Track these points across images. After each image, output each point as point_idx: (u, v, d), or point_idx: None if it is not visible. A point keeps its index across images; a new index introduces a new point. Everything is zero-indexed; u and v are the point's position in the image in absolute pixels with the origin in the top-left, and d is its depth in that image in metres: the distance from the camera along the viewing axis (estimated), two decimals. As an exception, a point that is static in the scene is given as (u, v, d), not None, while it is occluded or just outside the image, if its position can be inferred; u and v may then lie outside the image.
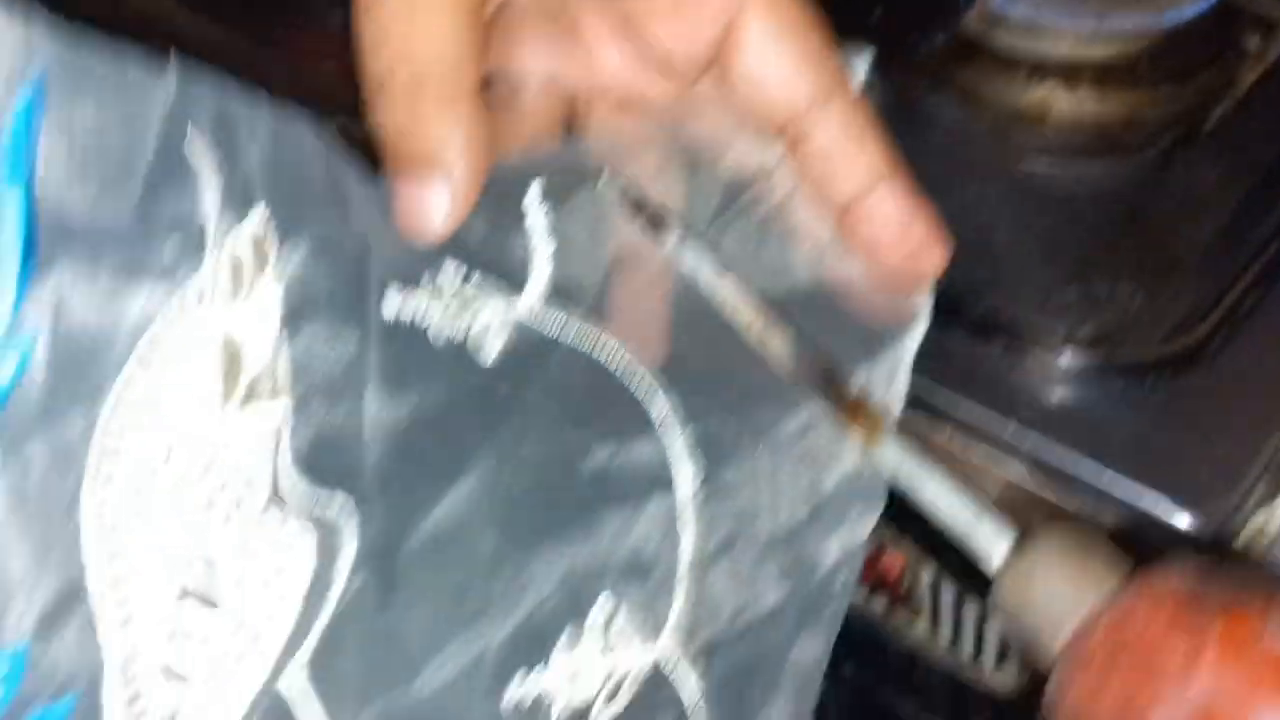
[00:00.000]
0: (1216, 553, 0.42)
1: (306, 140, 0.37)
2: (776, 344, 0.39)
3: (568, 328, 0.41)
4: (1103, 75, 0.64)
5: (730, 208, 0.43)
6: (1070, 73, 0.63)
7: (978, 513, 0.33)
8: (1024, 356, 0.53)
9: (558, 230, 0.41)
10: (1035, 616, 0.30)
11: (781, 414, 0.41)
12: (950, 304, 0.43)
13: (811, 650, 0.41)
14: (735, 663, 0.40)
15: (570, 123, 0.45)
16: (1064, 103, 0.63)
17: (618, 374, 0.40)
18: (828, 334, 0.42)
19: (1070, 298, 0.54)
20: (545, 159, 0.44)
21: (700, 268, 0.41)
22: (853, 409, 0.37)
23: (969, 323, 0.53)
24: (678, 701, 0.39)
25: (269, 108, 0.36)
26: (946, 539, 0.36)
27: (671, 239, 0.41)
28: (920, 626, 0.61)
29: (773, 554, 0.40)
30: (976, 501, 0.33)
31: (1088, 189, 0.62)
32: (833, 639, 0.42)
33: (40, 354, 0.30)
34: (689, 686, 0.39)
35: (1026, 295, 0.54)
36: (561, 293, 0.41)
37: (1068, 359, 0.52)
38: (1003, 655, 0.59)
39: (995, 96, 0.64)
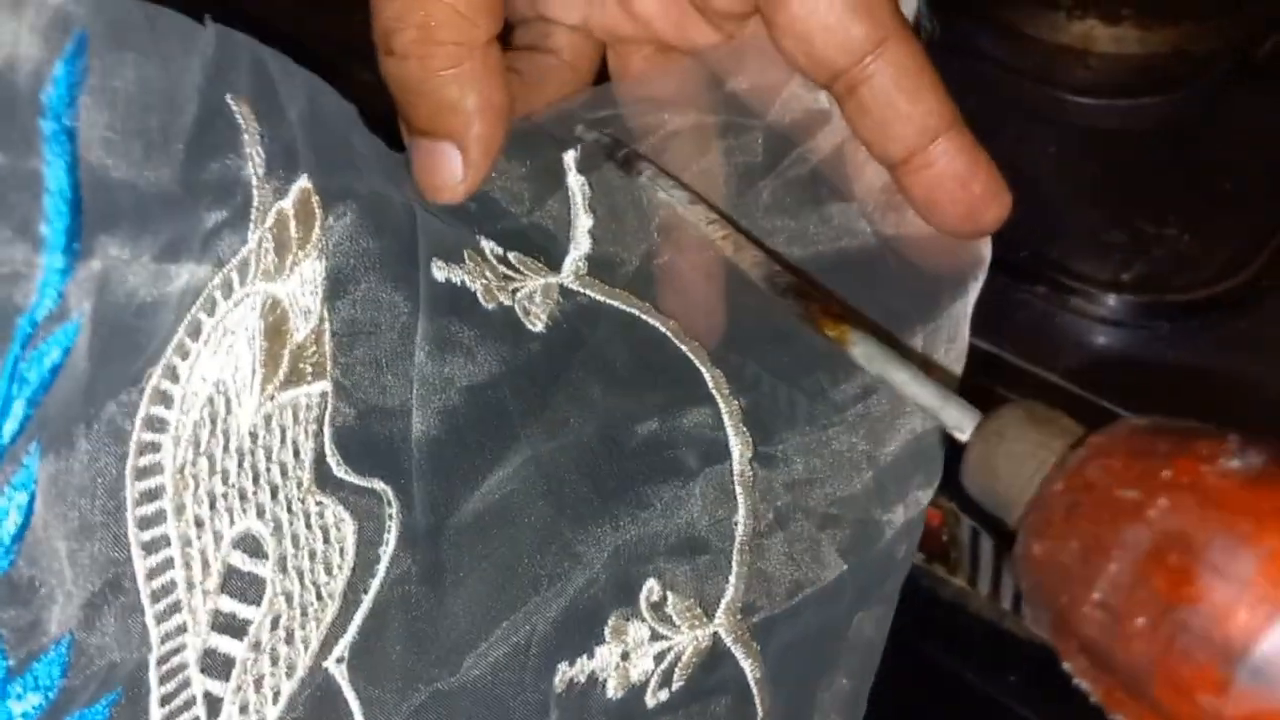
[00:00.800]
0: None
1: (342, 105, 0.36)
2: (748, 260, 0.38)
3: (613, 296, 0.39)
4: (1146, 9, 0.62)
5: (778, 164, 0.41)
6: (1111, 7, 0.62)
7: (944, 397, 0.33)
8: (1070, 300, 0.52)
9: (595, 202, 0.40)
10: (1000, 483, 0.30)
11: (835, 381, 0.40)
12: (993, 248, 0.42)
13: (871, 624, 0.40)
14: (795, 640, 0.39)
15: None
16: (1106, 38, 0.62)
17: (668, 341, 0.39)
18: (882, 292, 0.40)
19: (1117, 239, 0.53)
20: (576, 112, 0.42)
21: (672, 199, 0.40)
22: (822, 313, 0.36)
23: (1012, 267, 0.52)
24: (739, 681, 0.38)
25: (303, 70, 0.35)
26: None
27: (643, 177, 0.40)
28: (959, 579, 0.61)
29: (832, 526, 0.39)
30: (942, 389, 0.33)
31: (1134, 126, 0.60)
32: (892, 611, 0.41)
33: (83, 336, 0.28)
34: (748, 665, 0.38)
35: (1072, 237, 0.53)
36: (603, 264, 0.40)
37: (1115, 302, 0.51)
38: None
39: (1037, 33, 0.62)
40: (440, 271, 0.37)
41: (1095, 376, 0.49)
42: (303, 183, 0.33)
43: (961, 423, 0.32)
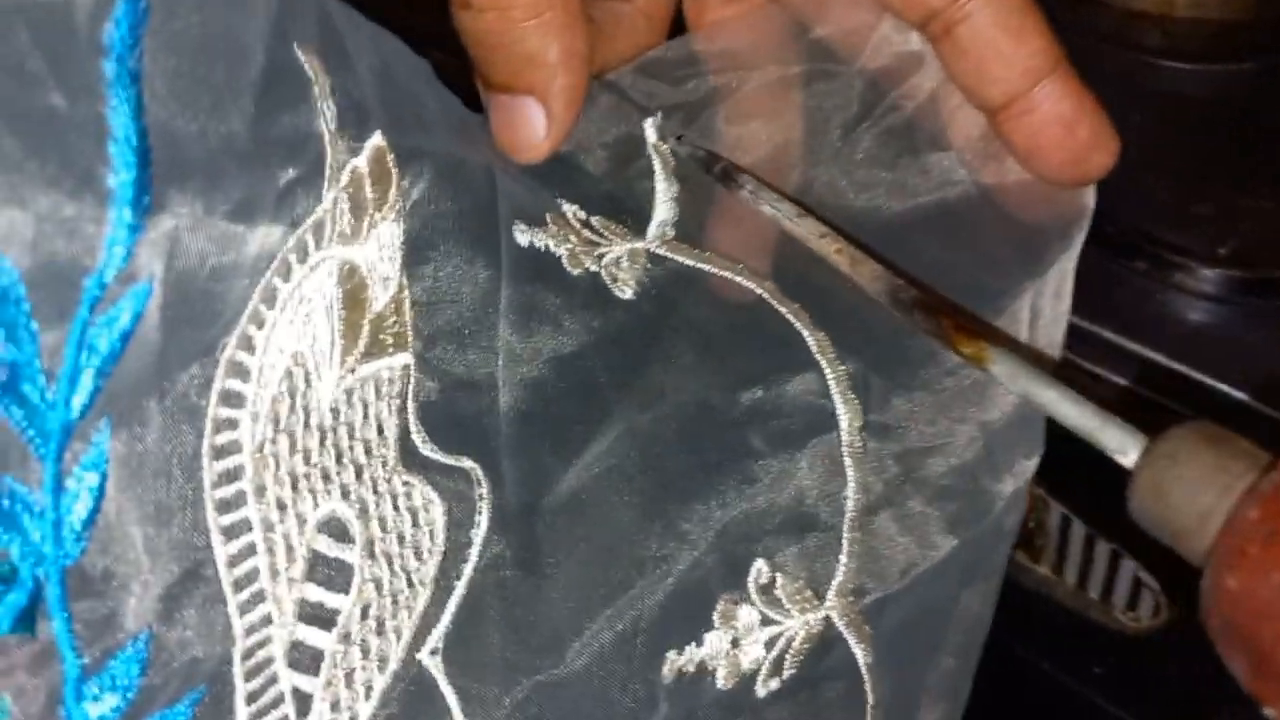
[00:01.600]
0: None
1: (413, 60, 0.34)
2: (866, 274, 0.35)
3: (703, 259, 0.37)
4: None
5: (869, 114, 0.39)
6: None
7: (1103, 418, 0.31)
8: (1159, 276, 0.49)
9: (679, 170, 0.38)
10: (1174, 511, 0.28)
11: (933, 350, 0.37)
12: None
13: (978, 601, 0.38)
14: (904, 620, 0.36)
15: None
16: (1186, 3, 0.58)
17: (765, 303, 0.37)
18: (986, 245, 0.38)
19: (1206, 211, 0.51)
20: (652, 69, 0.40)
21: (778, 212, 0.37)
22: (955, 329, 0.34)
23: (1098, 241, 0.50)
24: (850, 667, 0.35)
25: (371, 23, 0.33)
26: (1077, 481, 0.34)
27: (745, 191, 0.38)
28: (1043, 567, 0.58)
29: (944, 499, 0.36)
30: (1098, 410, 0.31)
31: (1220, 93, 0.57)
32: (998, 585, 0.38)
33: (154, 302, 0.26)
34: (860, 651, 0.35)
35: (1161, 210, 0.51)
36: (689, 230, 0.38)
37: (1213, 277, 0.49)
38: (1135, 596, 0.55)
39: None
40: (523, 235, 0.35)
41: (1189, 350, 0.47)
42: (377, 140, 0.31)
43: (1125, 446, 0.30)
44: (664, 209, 0.38)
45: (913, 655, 0.37)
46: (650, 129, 0.39)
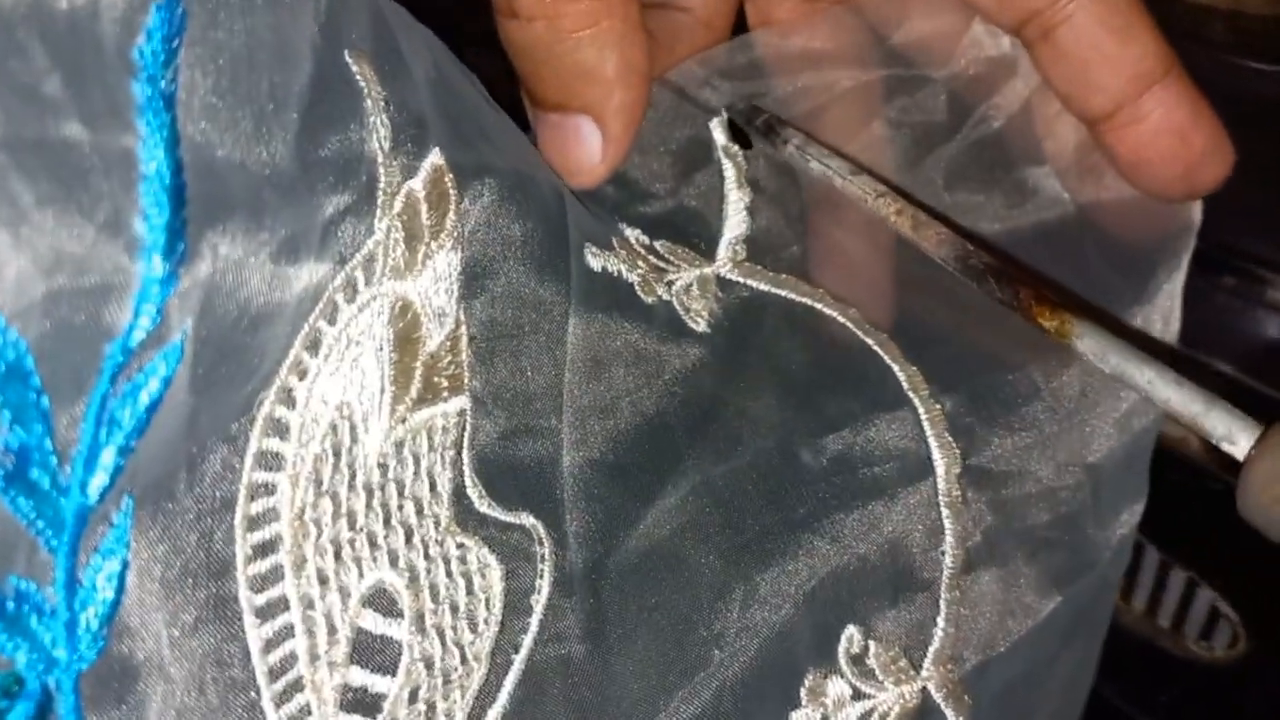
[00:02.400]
0: None
1: (462, 67, 0.30)
2: (931, 238, 0.32)
3: (779, 284, 0.33)
4: None
5: (959, 127, 0.36)
6: None
7: (1208, 401, 0.28)
8: (1247, 292, 0.47)
9: (751, 175, 0.34)
10: None
11: (1049, 375, 0.33)
12: None
13: (1083, 657, 0.34)
14: (1005, 686, 0.33)
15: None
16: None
17: (849, 334, 0.33)
18: (1090, 269, 0.35)
19: None
20: (710, 72, 0.37)
21: (828, 169, 0.34)
22: (1035, 300, 0.31)
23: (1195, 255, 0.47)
24: None
25: (424, 27, 0.28)
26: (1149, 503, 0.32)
27: (791, 146, 0.34)
28: None
29: (1047, 552, 0.33)
30: (1203, 391, 0.28)
31: None
32: (1100, 644, 0.35)
33: (186, 361, 0.22)
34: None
35: (1243, 221, 0.48)
36: (764, 247, 0.34)
37: None
38: (1211, 627, 0.53)
39: None
40: (595, 259, 0.31)
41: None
42: (435, 158, 0.27)
43: (1233, 433, 0.27)
44: (735, 224, 0.34)
45: (1014, 716, 0.34)
46: (718, 131, 0.35)
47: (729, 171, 0.35)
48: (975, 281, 0.32)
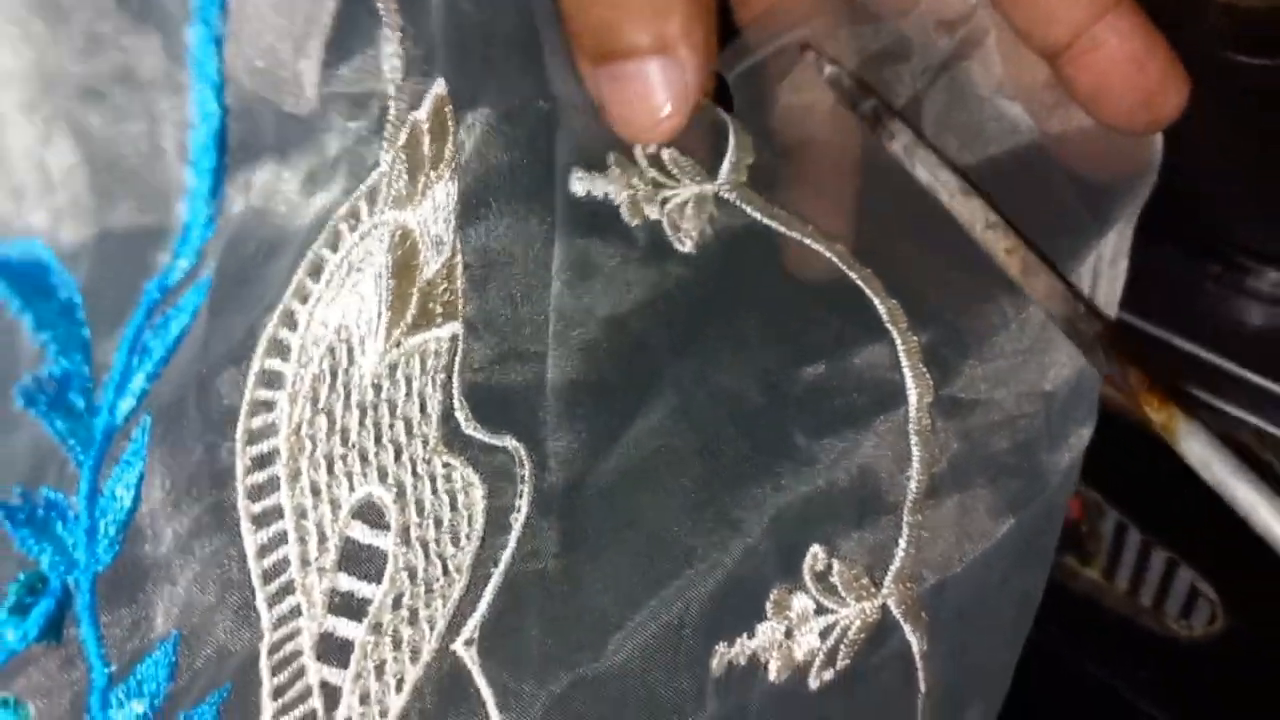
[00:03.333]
0: None
1: None
2: (1041, 289, 0.32)
3: (773, 215, 0.35)
4: None
5: (928, 68, 0.37)
6: None
7: None
8: (1231, 280, 0.48)
9: (755, 111, 0.36)
10: None
11: (1019, 307, 0.35)
12: (1150, 220, 0.37)
13: (1031, 579, 0.37)
14: (960, 605, 0.35)
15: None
16: None
17: (838, 266, 0.35)
18: (1051, 203, 0.36)
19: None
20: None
21: (936, 182, 0.34)
22: (1148, 387, 0.30)
23: (1171, 241, 0.48)
24: (903, 656, 0.34)
25: None
26: (1133, 484, 0.32)
27: (896, 144, 0.34)
28: (1092, 571, 0.58)
29: (1005, 478, 0.35)
30: None
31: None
32: (1048, 566, 0.37)
33: (210, 291, 0.24)
34: (915, 639, 0.34)
35: (1231, 210, 0.49)
36: (762, 179, 0.35)
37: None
38: (1190, 605, 0.56)
39: None
40: (581, 183, 0.32)
41: (1261, 356, 0.46)
42: (439, 88, 0.28)
43: None
44: (741, 146, 0.35)
45: (965, 641, 0.36)
46: (725, 62, 0.36)
47: (736, 102, 0.35)
48: (1083, 348, 0.31)
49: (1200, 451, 0.29)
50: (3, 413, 0.22)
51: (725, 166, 0.34)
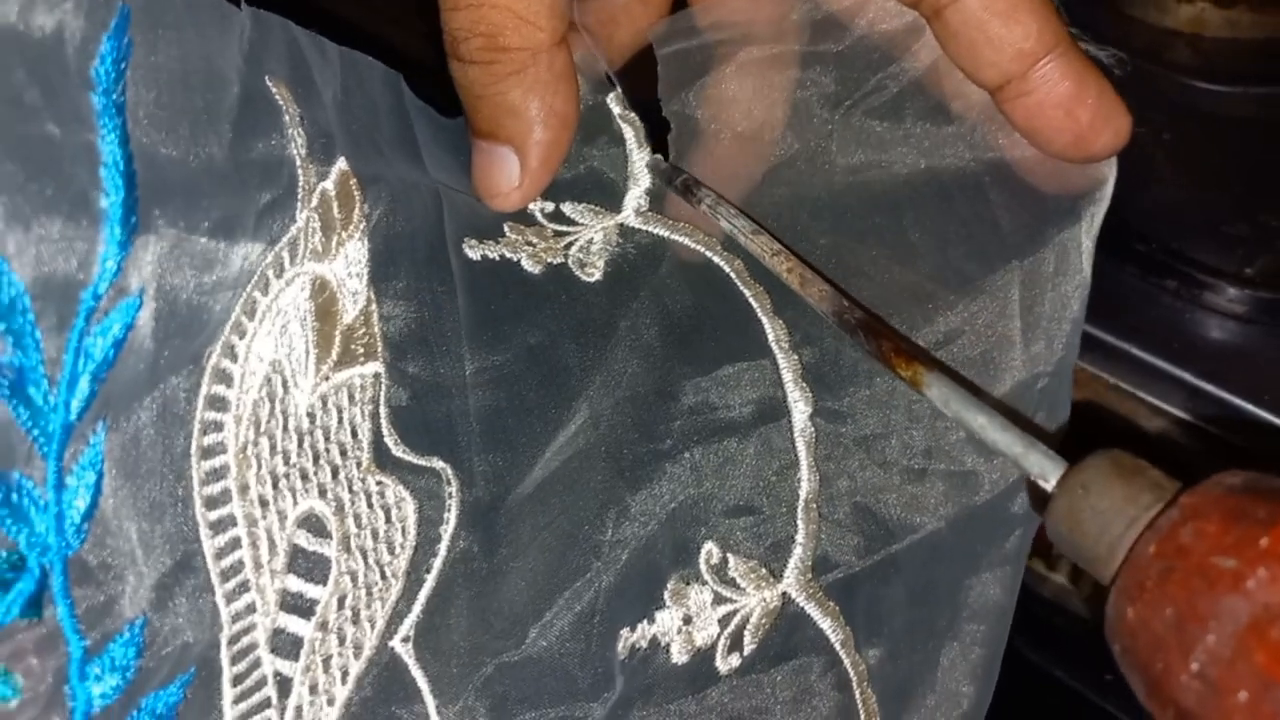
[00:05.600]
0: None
1: (375, 85, 0.38)
2: (815, 294, 0.39)
3: (677, 230, 0.41)
4: None
5: (865, 87, 0.41)
6: None
7: (1027, 444, 0.34)
8: (1188, 295, 0.52)
9: (678, 91, 0.41)
10: (1086, 539, 0.31)
11: (912, 328, 0.40)
12: (1110, 240, 0.41)
13: (997, 587, 0.41)
14: (893, 600, 0.40)
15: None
16: (1219, 22, 0.62)
17: (731, 283, 0.40)
18: (977, 221, 0.41)
19: (1240, 231, 0.54)
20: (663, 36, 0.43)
21: (734, 228, 0.40)
22: (895, 353, 0.37)
23: (1130, 259, 0.52)
24: (822, 642, 0.39)
25: (335, 50, 0.37)
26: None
27: (704, 205, 0.41)
28: (1059, 575, 0.61)
29: (918, 481, 0.40)
30: (1024, 435, 0.34)
31: (1253, 114, 0.60)
32: (1020, 573, 0.41)
33: (145, 314, 0.31)
34: (827, 625, 0.39)
35: (1194, 229, 0.53)
36: (659, 200, 0.41)
37: (1241, 296, 0.52)
38: None
39: (1144, 16, 0.62)
40: (473, 250, 0.39)
41: (1224, 371, 0.50)
42: (342, 165, 0.36)
43: (1046, 471, 0.33)
44: (639, 179, 0.42)
45: (915, 636, 0.40)
46: (614, 103, 0.42)
47: (629, 134, 0.42)
48: (848, 333, 0.38)
49: (940, 392, 0.36)
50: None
51: (629, 199, 0.42)
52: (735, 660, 0.39)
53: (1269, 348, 0.50)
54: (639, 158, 0.42)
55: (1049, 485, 0.33)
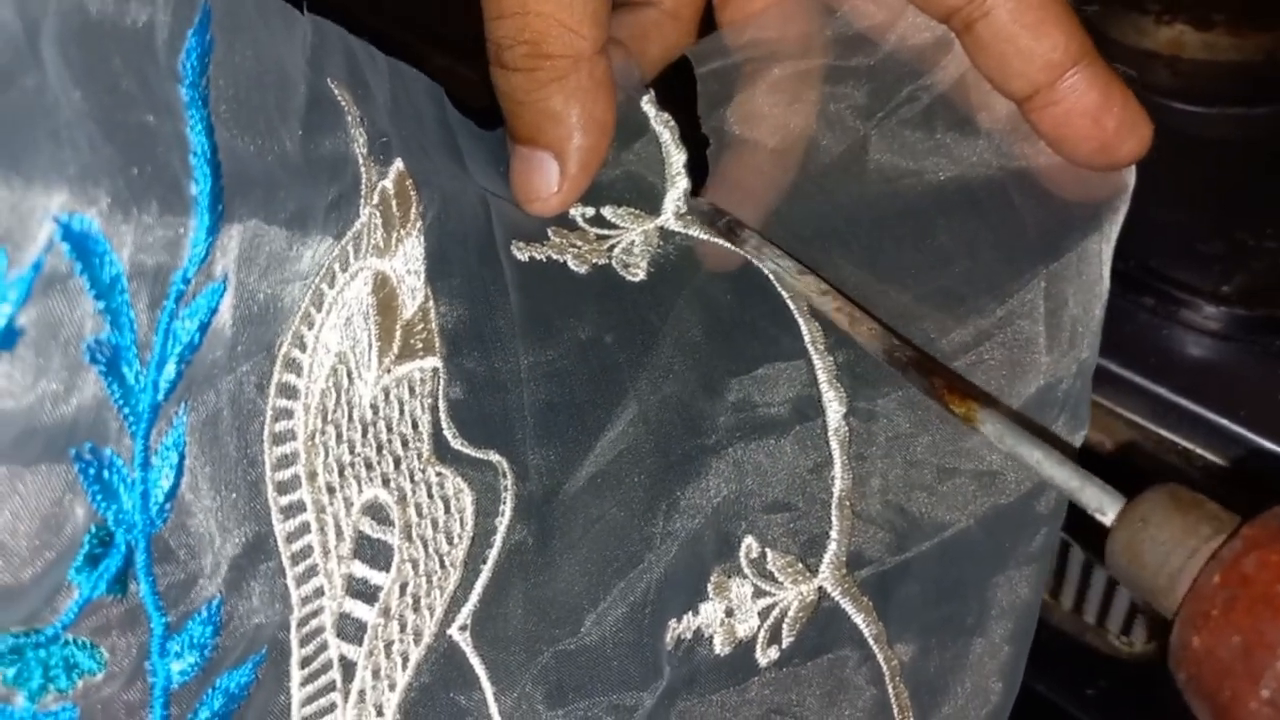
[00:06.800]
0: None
1: (419, 95, 0.41)
2: (864, 333, 0.41)
3: (716, 233, 0.43)
4: (1239, 15, 0.64)
5: (895, 100, 0.44)
6: (1201, 12, 0.64)
7: (1083, 478, 0.35)
8: (1165, 312, 0.54)
9: (715, 107, 0.43)
10: (1147, 571, 0.33)
11: (944, 330, 0.42)
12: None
13: (1025, 586, 0.43)
14: (924, 596, 0.42)
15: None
16: (1197, 44, 0.64)
17: (769, 285, 0.42)
18: (1004, 228, 0.43)
19: (1217, 250, 0.56)
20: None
21: (779, 268, 0.42)
22: (948, 390, 0.39)
23: (1119, 275, 0.52)
24: (858, 636, 0.41)
25: (384, 60, 0.39)
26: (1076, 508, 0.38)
27: (749, 246, 0.43)
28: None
29: (949, 479, 0.42)
30: (1079, 470, 0.36)
31: (1228, 135, 0.62)
32: (1045, 572, 0.43)
33: (227, 300, 0.33)
34: (861, 620, 0.41)
35: (1167, 247, 0.55)
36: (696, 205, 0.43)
37: (1218, 314, 0.53)
38: (1130, 622, 0.61)
39: (1123, 38, 0.64)
40: (521, 253, 0.41)
41: (1201, 388, 0.52)
42: (399, 165, 0.38)
43: (1103, 505, 0.35)
44: (676, 181, 0.44)
45: (942, 633, 0.42)
46: (649, 105, 0.45)
47: (665, 137, 0.44)
48: (900, 370, 0.40)
49: (994, 428, 0.37)
50: (73, 365, 0.29)
51: (668, 201, 0.44)
52: (774, 653, 0.41)
53: (1245, 364, 0.52)
54: (676, 159, 0.44)
55: (1106, 519, 0.35)
